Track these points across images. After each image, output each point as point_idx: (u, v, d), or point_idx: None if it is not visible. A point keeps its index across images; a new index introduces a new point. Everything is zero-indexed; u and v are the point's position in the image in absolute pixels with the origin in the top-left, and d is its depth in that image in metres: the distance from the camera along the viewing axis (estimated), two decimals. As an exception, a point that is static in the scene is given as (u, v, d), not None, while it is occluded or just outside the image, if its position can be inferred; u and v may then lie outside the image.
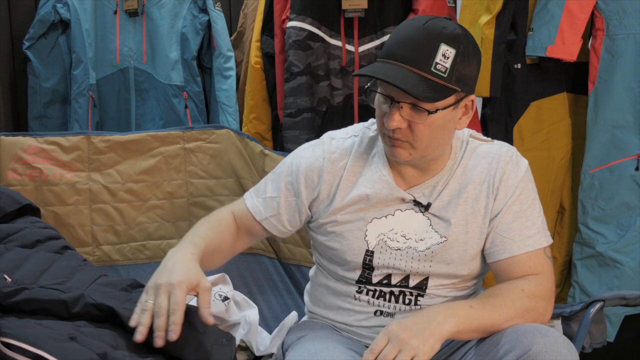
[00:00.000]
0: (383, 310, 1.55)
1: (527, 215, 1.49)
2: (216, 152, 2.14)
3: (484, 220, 1.50)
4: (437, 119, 1.41)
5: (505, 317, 1.38)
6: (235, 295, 2.04)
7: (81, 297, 1.42)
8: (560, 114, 2.44)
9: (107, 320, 1.43)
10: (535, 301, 1.42)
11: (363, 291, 1.56)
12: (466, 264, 1.51)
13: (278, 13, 2.40)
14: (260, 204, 1.62)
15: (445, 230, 1.50)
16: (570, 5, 2.21)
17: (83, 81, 2.53)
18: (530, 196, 1.51)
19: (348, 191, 1.54)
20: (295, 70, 2.31)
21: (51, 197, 2.03)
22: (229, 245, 1.61)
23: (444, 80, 1.38)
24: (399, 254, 1.51)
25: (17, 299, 1.38)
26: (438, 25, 1.39)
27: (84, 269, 1.63)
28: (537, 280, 1.45)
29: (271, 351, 1.77)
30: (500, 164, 1.51)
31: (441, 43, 1.37)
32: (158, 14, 2.57)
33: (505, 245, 1.48)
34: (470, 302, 1.40)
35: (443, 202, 1.51)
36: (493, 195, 1.49)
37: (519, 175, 1.51)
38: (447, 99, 1.40)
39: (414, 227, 1.51)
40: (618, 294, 1.61)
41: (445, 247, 1.50)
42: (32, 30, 2.53)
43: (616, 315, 2.30)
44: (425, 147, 1.45)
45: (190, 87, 2.60)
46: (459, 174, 1.52)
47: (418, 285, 1.53)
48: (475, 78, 1.46)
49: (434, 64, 1.37)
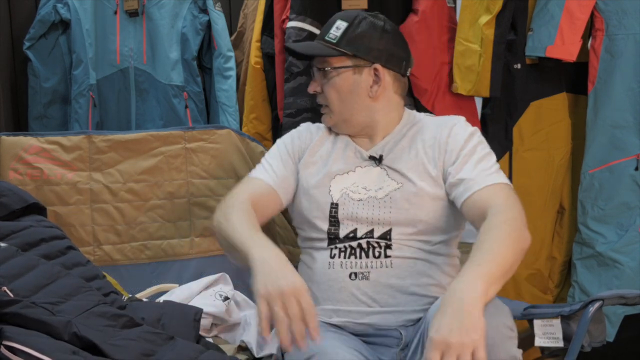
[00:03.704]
0: (357, 272, 1.64)
1: (484, 162, 1.64)
2: (217, 152, 2.15)
3: (435, 168, 1.66)
4: (339, 81, 1.71)
5: (508, 253, 1.39)
6: (235, 295, 2.05)
7: (68, 325, 1.40)
8: (560, 114, 2.44)
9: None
10: (516, 224, 1.46)
11: (335, 255, 1.66)
12: (423, 208, 1.64)
13: (278, 13, 2.40)
14: (270, 172, 1.77)
15: (400, 178, 1.68)
16: (570, 6, 2.22)
17: (83, 81, 2.52)
18: (485, 150, 1.68)
19: (314, 152, 1.78)
20: (295, 70, 2.31)
21: (52, 197, 2.03)
22: None
23: (334, 45, 1.71)
24: (362, 204, 1.67)
25: (5, 310, 1.37)
26: (345, 12, 1.78)
27: (85, 292, 1.60)
28: (504, 205, 1.51)
29: (271, 352, 1.77)
30: (448, 124, 1.72)
31: (337, 19, 1.73)
32: (158, 14, 2.57)
33: (467, 184, 1.59)
34: (475, 261, 1.37)
35: (395, 155, 1.71)
36: (443, 147, 1.68)
37: (467, 131, 1.70)
38: (342, 60, 1.70)
39: (373, 179, 1.70)
40: (617, 293, 1.61)
41: (401, 192, 1.66)
42: (33, 31, 2.53)
43: (616, 315, 2.30)
44: (340, 111, 1.73)
45: (191, 87, 2.60)
46: (409, 135, 1.74)
47: (382, 236, 1.65)
48: (380, 50, 1.70)
49: (328, 34, 1.72)
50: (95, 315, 1.53)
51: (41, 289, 1.52)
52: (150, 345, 1.51)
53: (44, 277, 1.56)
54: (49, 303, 1.46)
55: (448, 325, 1.26)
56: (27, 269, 1.56)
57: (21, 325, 1.36)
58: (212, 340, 1.85)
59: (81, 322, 1.44)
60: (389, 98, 1.74)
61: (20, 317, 1.37)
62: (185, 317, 1.76)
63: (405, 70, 1.77)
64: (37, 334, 1.34)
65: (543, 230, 2.48)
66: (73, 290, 1.58)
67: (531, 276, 2.49)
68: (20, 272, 1.54)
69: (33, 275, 1.55)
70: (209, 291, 2.01)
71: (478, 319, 1.26)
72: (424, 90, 2.31)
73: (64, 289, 1.56)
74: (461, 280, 1.32)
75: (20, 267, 1.55)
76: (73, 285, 1.60)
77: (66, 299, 1.53)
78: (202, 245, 2.14)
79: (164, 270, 2.11)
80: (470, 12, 2.26)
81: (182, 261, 2.13)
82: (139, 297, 1.93)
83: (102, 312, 1.55)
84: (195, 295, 1.98)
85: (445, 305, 1.29)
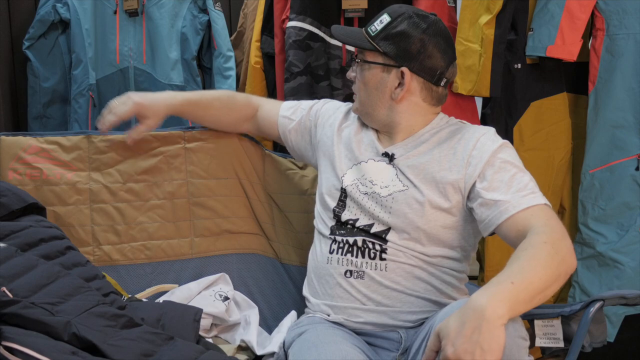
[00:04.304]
0: (352, 270, 1.66)
1: (518, 179, 1.55)
2: (217, 152, 2.14)
3: (449, 179, 1.62)
4: (368, 75, 1.71)
5: (545, 275, 1.32)
6: (235, 295, 2.05)
7: (67, 325, 1.40)
8: (561, 114, 2.45)
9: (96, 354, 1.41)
10: (559, 245, 1.39)
11: (333, 250, 1.70)
12: (423, 215, 1.62)
13: (278, 13, 2.40)
14: (290, 112, 1.97)
15: (407, 181, 1.66)
16: (571, 5, 2.22)
17: (83, 81, 2.52)
18: (517, 165, 1.59)
19: (339, 138, 1.82)
20: (295, 70, 2.30)
21: (51, 197, 2.02)
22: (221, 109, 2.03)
23: (371, 38, 1.70)
24: (367, 197, 1.69)
25: (4, 311, 1.36)
26: (400, 5, 1.73)
27: (85, 292, 1.60)
28: (548, 227, 1.44)
29: (273, 350, 1.77)
30: (475, 134, 1.66)
31: (385, 13, 1.70)
32: (158, 14, 2.57)
33: (503, 206, 1.51)
34: (508, 276, 1.29)
35: (409, 158, 1.69)
36: (466, 159, 1.62)
37: (495, 143, 1.63)
38: (374, 55, 1.70)
39: (381, 175, 1.70)
40: (618, 293, 1.61)
41: (404, 195, 1.64)
42: (32, 30, 2.53)
43: (616, 315, 2.30)
44: (364, 103, 1.75)
45: (190, 87, 2.60)
46: (431, 141, 1.70)
47: (379, 234, 1.65)
48: (412, 54, 1.66)
49: (372, 25, 1.71)
50: (94, 315, 1.52)
51: (40, 289, 1.52)
52: (150, 345, 1.51)
53: (44, 277, 1.56)
54: (48, 303, 1.46)
55: (464, 344, 1.21)
56: (26, 269, 1.56)
57: (20, 326, 1.36)
58: (212, 340, 1.86)
59: (81, 323, 1.43)
60: (413, 103, 1.71)
61: (19, 317, 1.37)
62: (185, 317, 1.76)
63: (438, 80, 1.69)
64: (37, 335, 1.34)
65: (543, 230, 2.48)
66: (72, 291, 1.57)
67: (531, 276, 2.49)
68: (20, 272, 1.53)
69: (32, 275, 1.55)
70: (208, 291, 2.01)
71: (498, 341, 1.21)
72: (424, 90, 2.31)
73: (63, 289, 1.56)
74: (487, 294, 1.25)
75: (20, 267, 1.55)
76: (72, 285, 1.59)
77: (66, 299, 1.53)
78: (202, 246, 2.14)
79: (164, 271, 2.10)
80: (470, 11, 2.26)
81: (182, 261, 2.12)
82: (139, 297, 1.93)
83: (101, 312, 1.55)
84: (195, 296, 1.98)
85: (464, 318, 1.23)
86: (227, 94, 2.14)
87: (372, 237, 1.66)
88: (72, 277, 1.63)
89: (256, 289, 2.14)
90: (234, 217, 2.17)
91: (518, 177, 1.56)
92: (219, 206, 2.15)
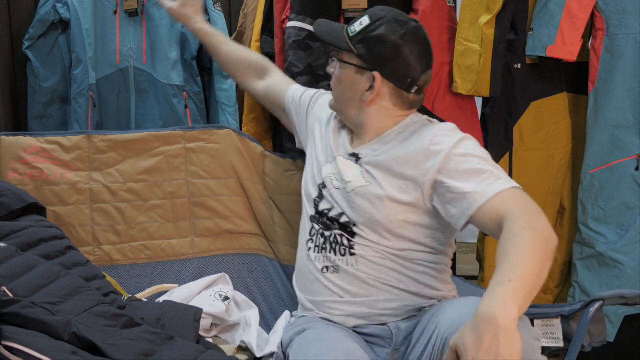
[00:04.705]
0: (328, 266, 1.71)
1: (481, 169, 1.55)
2: (217, 153, 2.14)
3: (409, 176, 1.64)
4: (343, 74, 1.74)
5: (536, 260, 1.33)
6: (235, 295, 2.05)
7: (67, 325, 1.40)
8: (561, 114, 2.44)
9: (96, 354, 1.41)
10: (538, 227, 1.39)
11: (310, 249, 1.76)
12: (382, 210, 1.65)
13: (278, 13, 2.40)
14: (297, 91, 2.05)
15: (370, 178, 1.70)
16: (571, 5, 2.22)
17: (83, 81, 2.52)
18: (478, 155, 1.59)
19: (326, 133, 1.86)
20: (296, 70, 2.30)
21: (52, 197, 2.03)
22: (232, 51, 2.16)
23: (349, 38, 1.72)
24: (337, 192, 1.74)
25: (5, 310, 1.37)
26: (382, 8, 1.74)
27: (85, 292, 1.60)
28: (522, 210, 1.44)
29: (272, 350, 1.77)
30: (434, 130, 1.69)
31: (366, 15, 1.72)
32: (158, 14, 2.56)
33: (472, 197, 1.52)
34: (505, 276, 1.30)
35: (374, 157, 1.72)
36: (423, 154, 1.63)
37: (454, 138, 1.63)
38: (350, 56, 1.72)
39: (349, 172, 1.73)
40: (618, 293, 1.61)
41: (365, 191, 1.68)
42: (32, 30, 2.52)
43: (616, 315, 2.30)
44: (337, 100, 1.79)
45: (190, 87, 2.60)
46: (397, 140, 1.72)
47: (346, 224, 1.70)
48: (385, 60, 1.68)
49: (352, 25, 1.73)
50: (95, 315, 1.53)
51: (41, 289, 1.52)
52: (150, 345, 1.51)
53: (44, 277, 1.56)
54: (48, 303, 1.46)
55: (485, 357, 1.21)
56: (26, 269, 1.56)
57: (21, 325, 1.37)
58: (211, 340, 1.85)
59: (81, 322, 1.44)
60: (383, 107, 1.73)
61: (19, 317, 1.37)
62: (185, 317, 1.76)
63: (409, 87, 1.70)
64: (37, 334, 1.34)
65: (543, 230, 2.48)
66: (73, 290, 1.58)
67: (531, 276, 2.49)
68: (20, 272, 1.54)
69: (33, 275, 1.55)
70: (208, 291, 2.01)
71: (516, 345, 1.22)
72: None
73: (63, 289, 1.56)
74: (492, 300, 1.25)
75: (20, 267, 1.55)
76: (73, 285, 1.60)
77: (66, 299, 1.53)
78: (202, 246, 2.14)
79: (164, 271, 2.11)
80: (470, 11, 2.25)
81: (182, 261, 2.13)
82: (139, 297, 1.93)
83: (101, 312, 1.56)
84: (195, 296, 1.98)
85: (479, 331, 1.23)
86: (245, 49, 2.26)
87: (342, 229, 1.70)
88: (72, 277, 1.63)
89: (256, 289, 2.14)
90: (234, 217, 2.17)
91: (481, 166, 1.56)
92: (220, 206, 2.15)
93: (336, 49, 1.76)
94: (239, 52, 2.18)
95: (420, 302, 1.67)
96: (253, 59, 2.17)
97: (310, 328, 1.65)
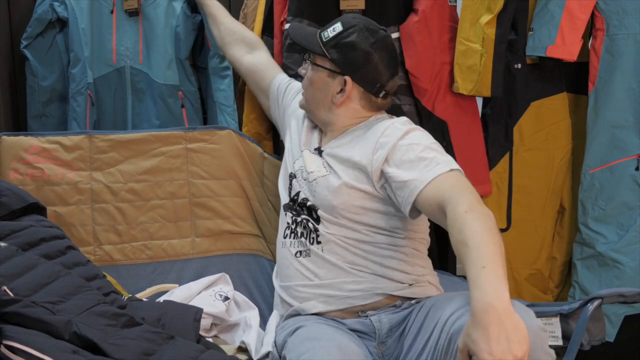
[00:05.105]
0: (301, 251, 1.80)
1: (424, 156, 1.64)
2: (218, 153, 2.15)
3: (362, 166, 1.73)
4: (314, 77, 1.84)
5: (493, 239, 1.37)
6: (235, 295, 2.04)
7: (68, 324, 1.40)
8: (561, 114, 2.45)
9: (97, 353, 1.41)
10: (476, 207, 1.45)
11: (287, 235, 1.85)
12: (339, 197, 1.74)
13: (278, 14, 2.39)
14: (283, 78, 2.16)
15: (329, 168, 1.80)
16: (571, 5, 2.22)
17: (81, 79, 2.51)
18: (423, 144, 1.68)
19: (302, 127, 1.97)
20: (290, 73, 2.29)
21: (53, 197, 2.03)
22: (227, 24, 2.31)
23: (322, 43, 1.82)
24: (304, 183, 1.84)
25: (5, 310, 1.37)
26: (354, 16, 1.86)
27: (86, 292, 1.60)
28: (458, 194, 1.50)
29: (267, 350, 1.77)
30: (384, 124, 1.78)
31: (339, 22, 1.82)
32: (154, 14, 2.55)
33: (412, 184, 1.61)
34: (477, 264, 1.33)
35: (334, 150, 1.82)
36: (372, 145, 1.73)
37: (400, 129, 1.73)
38: (323, 60, 1.82)
39: (313, 164, 1.84)
40: (616, 291, 1.61)
41: (325, 180, 1.79)
42: (30, 29, 2.51)
43: (616, 315, 2.30)
44: (308, 100, 1.89)
45: (186, 86, 2.59)
46: (355, 134, 1.82)
47: (312, 207, 1.80)
48: (356, 66, 1.79)
49: (326, 31, 1.82)
50: (95, 314, 1.53)
51: (41, 289, 1.52)
52: (150, 344, 1.51)
53: (44, 277, 1.56)
54: (49, 302, 1.46)
55: (498, 346, 1.23)
56: (27, 268, 1.56)
57: (21, 325, 1.36)
58: (211, 340, 1.85)
59: (81, 322, 1.44)
60: (352, 108, 1.84)
61: (20, 316, 1.37)
62: (185, 317, 1.76)
63: (377, 91, 1.82)
64: (37, 333, 1.34)
65: (543, 230, 2.48)
66: (73, 290, 1.58)
67: (531, 276, 2.49)
68: (21, 271, 1.54)
69: (33, 274, 1.55)
70: (209, 291, 2.01)
71: (520, 326, 1.25)
72: (424, 90, 2.30)
73: (64, 289, 1.56)
74: (481, 291, 1.29)
75: (21, 266, 1.55)
76: (73, 284, 1.60)
77: (66, 298, 1.53)
78: (203, 246, 2.14)
79: (164, 270, 2.11)
80: (471, 11, 2.25)
81: (183, 261, 2.13)
82: (139, 297, 1.93)
83: (102, 311, 1.56)
84: (195, 295, 1.98)
85: (483, 323, 1.25)
86: (244, 26, 2.39)
87: (309, 214, 1.81)
88: (73, 277, 1.63)
89: (256, 290, 2.14)
90: (234, 217, 2.17)
91: (424, 154, 1.65)
92: (220, 207, 2.15)
93: (310, 52, 1.86)
94: (237, 25, 2.32)
95: (389, 285, 1.72)
96: (248, 33, 2.30)
97: (302, 326, 1.66)
